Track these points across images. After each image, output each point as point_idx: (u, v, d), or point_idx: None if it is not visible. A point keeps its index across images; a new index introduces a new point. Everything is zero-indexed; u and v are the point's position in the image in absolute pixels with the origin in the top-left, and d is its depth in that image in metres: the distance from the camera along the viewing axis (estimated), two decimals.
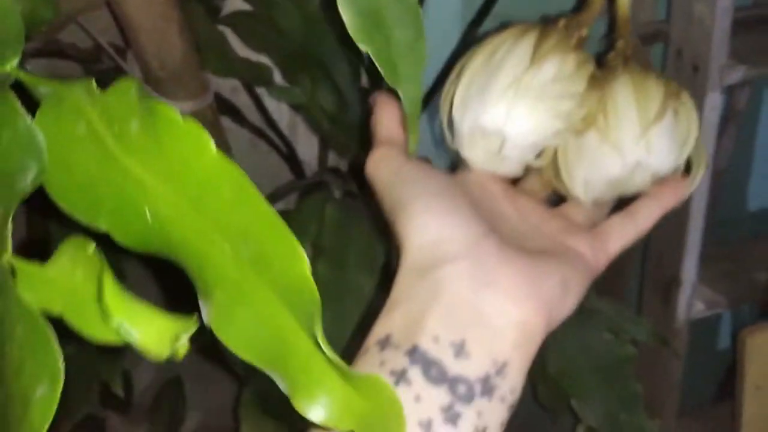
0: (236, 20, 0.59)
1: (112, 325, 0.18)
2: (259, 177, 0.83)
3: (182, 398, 0.80)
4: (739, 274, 0.76)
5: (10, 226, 0.20)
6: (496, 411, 0.27)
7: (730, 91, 0.79)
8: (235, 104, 0.66)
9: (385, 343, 0.28)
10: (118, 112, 0.22)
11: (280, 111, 0.70)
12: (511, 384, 0.28)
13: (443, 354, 0.27)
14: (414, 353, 0.27)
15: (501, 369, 0.27)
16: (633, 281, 0.79)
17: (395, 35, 0.28)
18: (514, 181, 0.36)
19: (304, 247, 0.67)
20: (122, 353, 0.57)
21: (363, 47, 0.28)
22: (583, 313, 0.52)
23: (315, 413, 0.20)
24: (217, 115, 0.59)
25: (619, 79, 0.33)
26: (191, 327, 0.19)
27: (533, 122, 0.32)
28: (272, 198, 0.67)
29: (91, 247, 0.20)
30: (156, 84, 0.55)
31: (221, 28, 0.59)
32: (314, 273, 0.61)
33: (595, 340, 0.60)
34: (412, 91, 0.29)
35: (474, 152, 0.33)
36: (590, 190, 0.33)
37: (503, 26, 0.35)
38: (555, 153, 0.34)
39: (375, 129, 0.34)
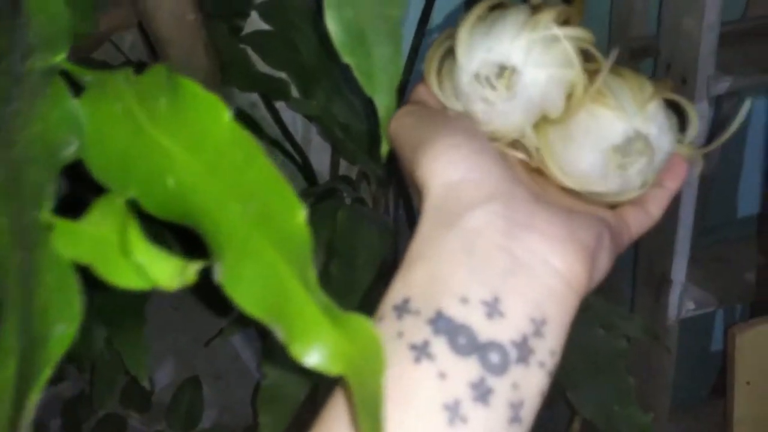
0: (256, 39, 0.64)
1: (132, 265, 0.20)
2: None
3: (200, 397, 0.83)
4: (728, 274, 0.79)
5: (53, 187, 0.23)
6: (533, 380, 0.24)
7: (718, 102, 0.83)
8: (254, 118, 0.71)
9: (402, 309, 0.24)
10: (150, 91, 0.24)
11: (294, 124, 0.75)
12: (551, 345, 0.24)
13: (473, 316, 0.24)
14: (438, 321, 0.24)
15: (540, 328, 0.24)
16: (625, 281, 0.82)
17: (375, 51, 0.30)
18: None
19: (318, 249, 0.72)
20: (148, 350, 0.61)
21: (345, 59, 0.30)
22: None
23: (309, 359, 0.20)
24: None
25: (606, 70, 0.30)
26: (197, 264, 0.20)
27: (551, 60, 0.29)
28: None
29: (120, 201, 0.21)
30: None
31: (242, 46, 0.64)
32: (327, 273, 0.65)
33: (589, 335, 0.64)
34: (386, 100, 0.30)
35: (477, 102, 0.30)
36: (583, 174, 0.30)
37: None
38: (538, 146, 0.31)
39: (407, 99, 0.32)
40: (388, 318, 0.25)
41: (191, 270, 0.20)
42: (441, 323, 0.24)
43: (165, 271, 0.20)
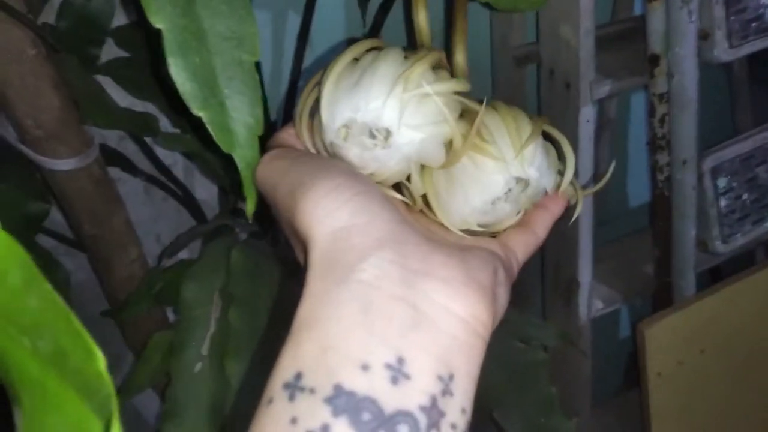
0: (114, 68, 0.58)
1: None
2: (157, 225, 0.80)
3: None
4: (629, 269, 0.81)
5: None
6: None
7: (600, 102, 0.86)
8: (124, 153, 0.64)
9: (295, 388, 0.22)
10: None
11: (173, 155, 0.69)
12: (461, 402, 0.22)
13: (377, 385, 0.21)
14: (337, 398, 0.21)
15: (448, 385, 0.22)
16: (534, 289, 0.83)
17: (230, 101, 0.28)
18: None
19: (212, 296, 0.65)
20: None
21: (196, 112, 0.27)
22: None
23: None
24: (105, 168, 0.57)
25: (484, 112, 0.30)
26: None
27: (425, 119, 0.29)
28: (174, 247, 0.65)
29: None
30: (34, 144, 0.52)
31: (100, 77, 0.57)
32: (225, 322, 0.59)
33: (508, 349, 0.63)
34: (248, 156, 0.28)
35: (352, 148, 0.29)
36: (467, 216, 0.30)
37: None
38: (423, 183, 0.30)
39: (268, 145, 0.30)
40: (279, 400, 0.22)
41: None
42: (341, 400, 0.21)
43: None
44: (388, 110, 0.28)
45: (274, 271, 0.60)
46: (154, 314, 0.61)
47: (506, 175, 0.30)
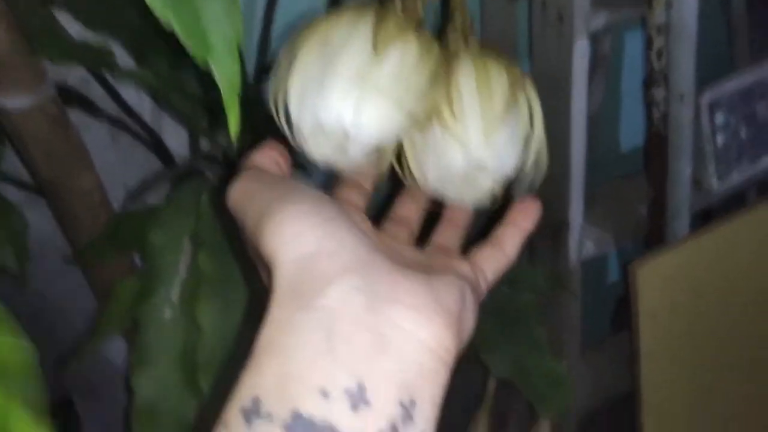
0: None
1: None
2: (125, 173, 0.76)
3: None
4: (621, 210, 0.79)
5: None
6: None
7: (594, 39, 0.82)
8: (87, 95, 0.60)
9: (252, 413, 0.21)
10: None
11: (140, 98, 0.65)
12: (422, 428, 0.22)
13: (336, 412, 0.21)
14: (295, 425, 0.21)
15: (409, 412, 0.22)
16: None
17: (205, 7, 0.25)
18: (386, 208, 0.33)
19: (181, 241, 0.62)
20: None
21: (164, 18, 0.25)
22: None
23: None
24: (63, 108, 0.54)
25: (461, 66, 0.31)
26: None
27: (379, 120, 0.29)
28: (140, 189, 0.62)
29: None
30: None
31: (56, 10, 0.53)
32: (196, 268, 0.56)
33: (495, 293, 0.60)
34: (227, 66, 0.26)
35: (317, 149, 0.30)
36: (437, 181, 0.32)
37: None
38: (401, 146, 0.32)
39: (244, 164, 0.30)
40: (235, 425, 0.22)
41: None
42: (298, 427, 0.21)
43: None
44: (350, 112, 0.29)
45: None
46: (121, 262, 0.58)
47: (467, 157, 0.31)
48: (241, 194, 0.27)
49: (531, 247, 0.80)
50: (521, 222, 0.32)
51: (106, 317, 0.53)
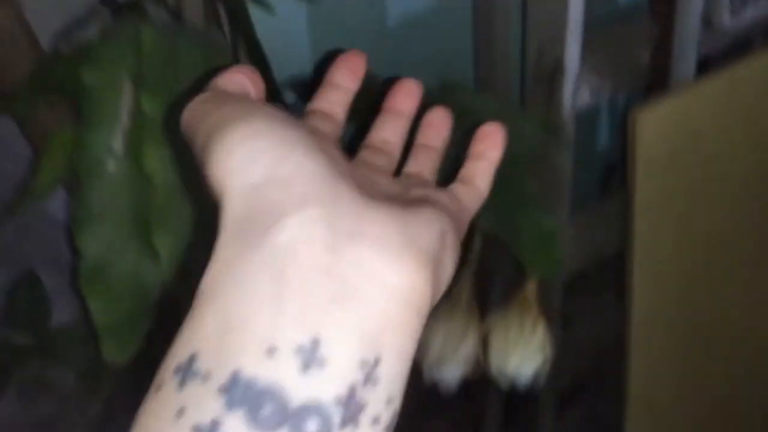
0: None
1: None
2: (61, 15, 0.65)
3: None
4: (622, 56, 0.73)
5: None
6: None
7: None
8: None
9: (187, 372, 0.18)
10: None
11: None
12: (388, 391, 0.19)
13: (283, 373, 0.18)
14: (233, 387, 0.17)
15: (372, 371, 0.18)
16: (513, 74, 0.74)
17: None
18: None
19: (121, 83, 0.54)
20: None
21: None
22: (464, 112, 0.45)
23: None
24: None
25: None
26: None
27: None
28: (72, 26, 0.54)
29: None
30: None
31: None
32: (140, 113, 0.49)
33: None
34: None
35: None
36: None
37: None
38: None
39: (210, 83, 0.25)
40: (168, 386, 0.18)
41: None
42: (237, 391, 0.17)
43: None
44: None
45: (199, 60, 0.49)
46: (56, 110, 0.51)
47: None
48: (192, 115, 0.23)
49: (522, 94, 0.74)
50: (489, 152, 0.30)
51: (42, 171, 0.47)
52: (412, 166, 0.30)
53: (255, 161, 0.20)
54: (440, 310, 0.68)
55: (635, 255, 0.71)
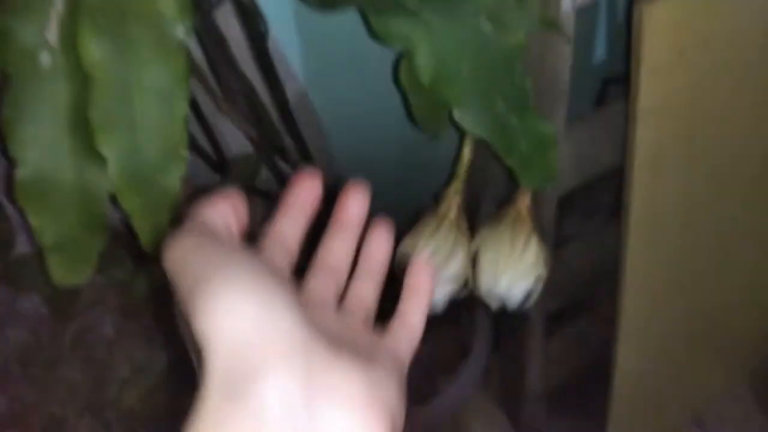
0: None
1: None
2: None
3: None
4: None
5: None
6: None
7: None
8: None
9: None
10: None
11: None
12: None
13: None
14: None
15: None
16: None
17: None
18: None
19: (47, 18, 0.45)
20: None
21: None
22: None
23: None
24: None
25: None
26: None
27: None
28: None
29: None
30: None
31: None
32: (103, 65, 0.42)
33: (472, 32, 0.48)
34: None
35: None
36: None
37: None
38: None
39: (189, 215, 0.27)
40: None
41: None
42: None
43: None
44: None
45: None
46: None
47: None
48: (173, 255, 0.25)
49: None
50: (422, 287, 0.31)
51: None
52: (357, 289, 0.31)
53: (238, 324, 0.22)
54: (427, 225, 0.64)
55: (635, 166, 0.67)
